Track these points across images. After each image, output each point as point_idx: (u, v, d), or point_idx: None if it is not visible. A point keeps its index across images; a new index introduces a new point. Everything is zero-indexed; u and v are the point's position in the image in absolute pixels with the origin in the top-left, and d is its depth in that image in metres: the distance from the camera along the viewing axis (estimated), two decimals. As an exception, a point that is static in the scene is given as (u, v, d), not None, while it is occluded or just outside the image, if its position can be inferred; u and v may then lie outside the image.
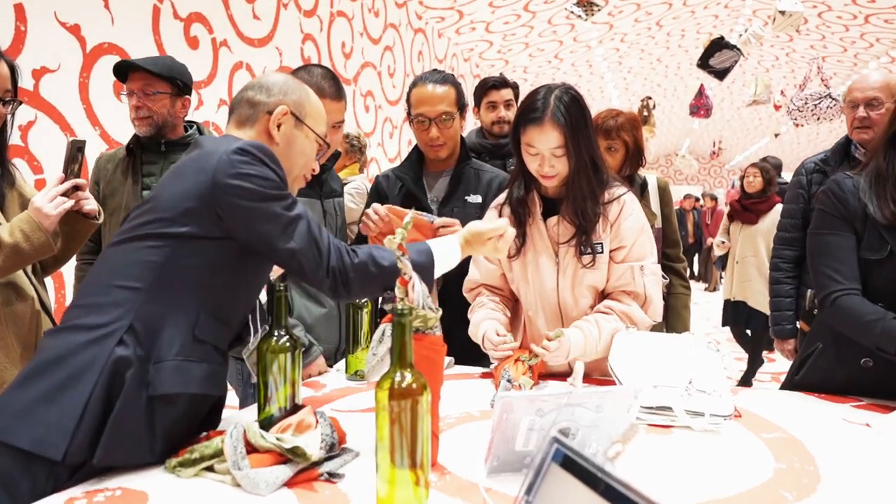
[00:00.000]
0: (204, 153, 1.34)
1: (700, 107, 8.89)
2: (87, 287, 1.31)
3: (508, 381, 1.74)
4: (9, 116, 1.83)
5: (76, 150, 1.84)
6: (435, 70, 2.34)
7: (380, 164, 6.67)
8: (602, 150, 2.50)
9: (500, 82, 3.08)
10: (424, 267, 1.43)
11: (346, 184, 3.13)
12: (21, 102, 1.85)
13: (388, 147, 6.93)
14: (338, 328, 2.17)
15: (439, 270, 1.48)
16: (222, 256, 1.31)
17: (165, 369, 1.23)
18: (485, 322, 1.93)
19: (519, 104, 1.93)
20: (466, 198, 2.33)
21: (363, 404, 1.68)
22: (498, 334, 1.85)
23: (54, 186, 1.79)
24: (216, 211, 1.28)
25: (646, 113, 8.91)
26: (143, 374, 1.21)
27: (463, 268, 2.20)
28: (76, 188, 1.84)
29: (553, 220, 1.91)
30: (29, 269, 1.89)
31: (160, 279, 1.26)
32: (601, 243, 1.88)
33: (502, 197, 2.03)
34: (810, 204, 2.74)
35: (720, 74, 6.91)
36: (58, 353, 1.22)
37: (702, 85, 8.95)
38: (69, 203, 1.80)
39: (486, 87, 3.10)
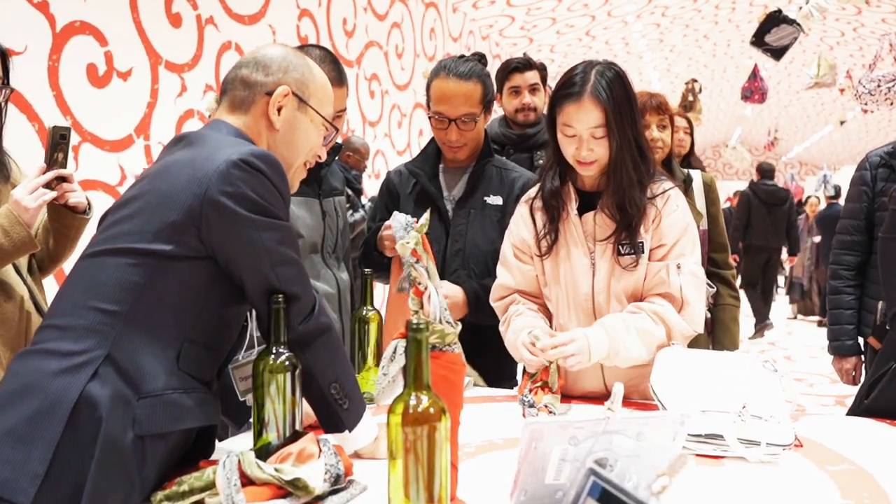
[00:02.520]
0: (201, 156, 1.33)
1: (754, 90, 8.85)
2: (60, 304, 1.32)
3: (531, 405, 1.74)
4: (3, 104, 1.90)
5: (59, 138, 1.89)
6: (462, 58, 2.34)
7: (387, 157, 6.70)
8: (656, 126, 2.53)
9: (524, 64, 3.10)
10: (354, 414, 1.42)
11: None
12: (13, 90, 1.93)
13: (397, 138, 6.96)
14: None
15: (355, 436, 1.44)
16: (209, 278, 1.32)
17: (153, 405, 1.24)
18: (529, 327, 1.90)
19: (556, 82, 1.94)
20: (486, 198, 2.35)
21: (371, 431, 1.69)
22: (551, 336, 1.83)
23: (36, 177, 1.85)
24: (199, 227, 1.29)
25: (691, 98, 8.87)
26: (126, 411, 1.21)
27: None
28: (62, 180, 1.90)
29: (590, 216, 1.93)
30: (24, 266, 1.97)
31: (140, 302, 1.27)
32: (642, 242, 1.89)
33: (533, 191, 2.05)
34: (875, 202, 2.73)
35: (777, 53, 6.87)
36: (26, 382, 1.22)
37: (756, 65, 8.90)
38: (50, 195, 1.86)
39: (508, 69, 3.12)
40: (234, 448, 1.34)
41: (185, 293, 1.30)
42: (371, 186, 5.97)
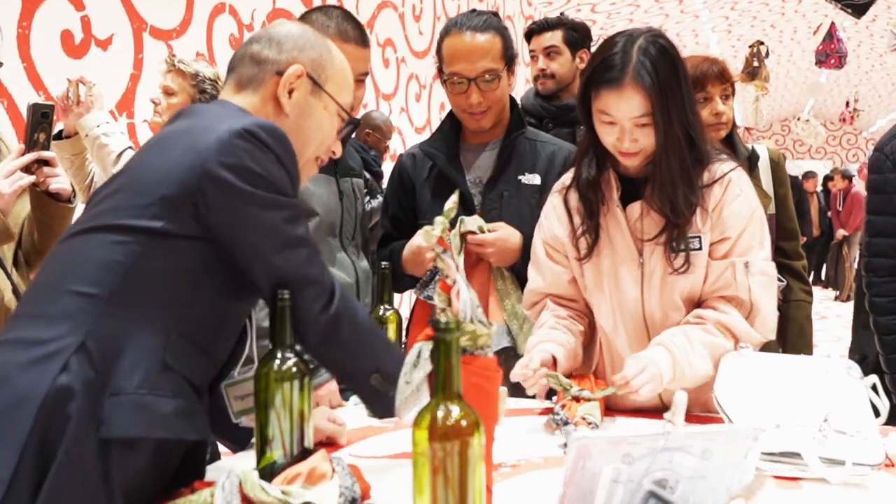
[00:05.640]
0: (199, 127, 1.34)
1: (829, 54, 8.77)
2: (33, 291, 1.33)
3: (565, 423, 1.73)
4: None
5: (41, 116, 1.93)
6: (473, 11, 2.34)
7: (404, 136, 6.70)
8: (719, 98, 2.51)
9: (540, 24, 3.11)
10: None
11: None
12: (2, 64, 1.98)
13: (415, 113, 6.96)
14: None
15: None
16: (202, 262, 1.33)
17: (123, 405, 1.23)
18: (535, 348, 1.89)
19: (589, 58, 1.92)
20: (520, 178, 2.33)
21: (392, 448, 1.70)
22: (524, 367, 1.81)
23: (13, 160, 1.89)
24: (196, 204, 1.29)
25: (756, 63, 8.82)
26: (95, 408, 1.21)
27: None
28: (43, 163, 1.94)
29: (635, 207, 1.91)
30: (9, 260, 2.02)
31: (124, 285, 1.27)
32: (698, 237, 1.87)
33: (567, 177, 2.03)
34: None
35: (858, 10, 6.80)
36: None
37: (832, 24, 8.82)
38: (28, 179, 1.90)
39: (526, 33, 3.16)
40: (235, 467, 1.34)
41: (174, 277, 1.31)
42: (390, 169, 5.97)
